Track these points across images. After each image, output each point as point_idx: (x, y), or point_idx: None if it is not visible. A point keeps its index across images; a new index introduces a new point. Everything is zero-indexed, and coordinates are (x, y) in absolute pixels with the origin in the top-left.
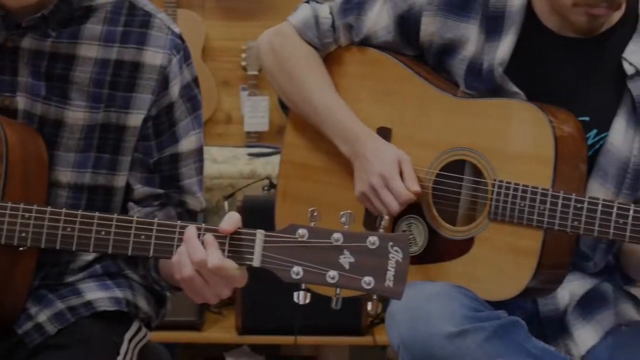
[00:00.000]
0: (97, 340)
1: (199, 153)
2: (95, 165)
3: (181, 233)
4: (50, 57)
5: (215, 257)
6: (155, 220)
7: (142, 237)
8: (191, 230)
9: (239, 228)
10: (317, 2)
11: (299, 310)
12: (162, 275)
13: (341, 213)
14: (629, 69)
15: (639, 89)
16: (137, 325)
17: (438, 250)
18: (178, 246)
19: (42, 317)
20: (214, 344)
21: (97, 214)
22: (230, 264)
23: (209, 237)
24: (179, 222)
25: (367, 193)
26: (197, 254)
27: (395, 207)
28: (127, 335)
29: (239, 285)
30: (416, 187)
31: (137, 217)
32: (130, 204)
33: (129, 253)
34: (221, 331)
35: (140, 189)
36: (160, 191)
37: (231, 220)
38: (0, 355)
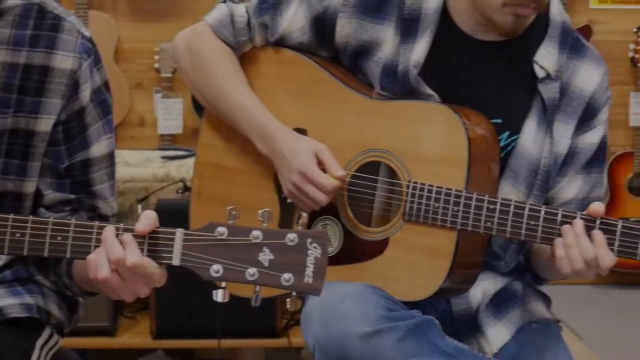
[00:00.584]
0: (7, 348)
1: (110, 158)
2: (4, 171)
3: (99, 234)
4: None
5: (134, 255)
6: (72, 221)
7: (59, 238)
8: (109, 229)
9: (157, 227)
10: (233, 2)
11: (215, 313)
12: (75, 280)
13: (259, 211)
14: (539, 72)
15: (549, 92)
16: (49, 332)
17: (353, 251)
18: (96, 247)
19: None
20: (128, 349)
21: (11, 215)
22: (149, 262)
23: (127, 236)
24: (96, 223)
25: (292, 191)
26: (115, 253)
27: (322, 199)
28: (39, 342)
29: (158, 285)
30: (340, 172)
31: (53, 219)
32: (41, 210)
33: (45, 254)
34: (135, 336)
35: (50, 195)
36: (72, 197)
37: (148, 221)
38: None
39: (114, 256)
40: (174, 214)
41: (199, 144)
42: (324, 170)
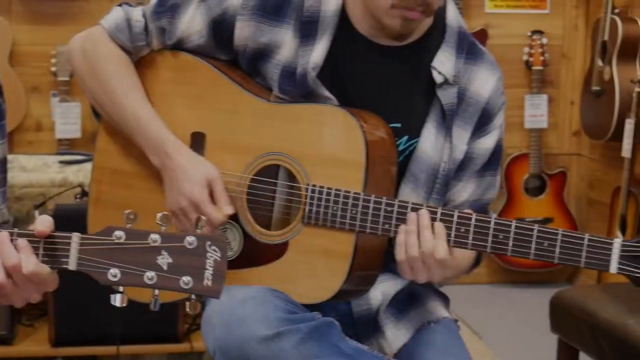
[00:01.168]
0: None
1: (2, 164)
2: None
3: None
4: None
5: (30, 262)
6: None
7: None
8: (3, 234)
9: (53, 232)
10: (130, 6)
11: (115, 319)
12: None
13: (158, 214)
14: (438, 78)
15: (447, 97)
16: None
17: (253, 255)
18: None
19: None
20: (26, 357)
21: None
22: (46, 269)
23: (22, 242)
24: None
25: (176, 213)
26: (10, 259)
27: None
28: None
29: (50, 289)
30: (229, 210)
31: None
32: None
33: None
34: (34, 344)
35: None
36: None
37: (45, 223)
38: None
39: (10, 262)
40: (72, 220)
41: (96, 149)
42: (213, 200)
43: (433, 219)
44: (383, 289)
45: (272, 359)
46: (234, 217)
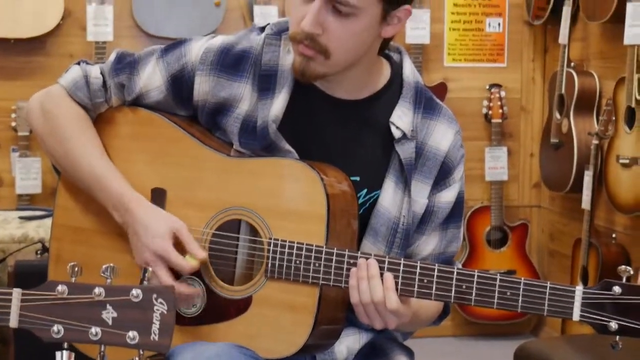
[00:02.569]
0: None
1: None
2: None
3: None
4: None
5: None
6: None
7: None
8: None
9: None
10: (88, 63)
11: None
12: None
13: (103, 266)
14: (396, 133)
15: (405, 151)
16: None
17: (217, 311)
18: None
19: None
20: None
21: None
22: None
23: None
24: None
25: (144, 268)
26: None
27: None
28: None
29: None
30: (202, 254)
31: None
32: None
33: None
34: None
35: None
36: None
37: None
38: None
39: None
40: (32, 276)
41: (56, 206)
42: (182, 249)
43: (382, 269)
44: (348, 344)
45: None
46: (197, 273)
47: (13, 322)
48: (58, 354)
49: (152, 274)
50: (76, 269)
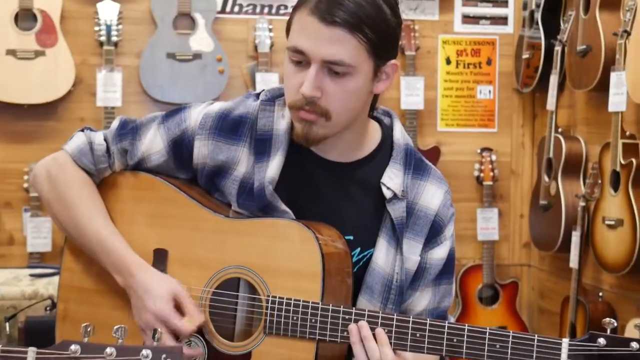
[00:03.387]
0: None
1: None
2: None
3: None
4: None
5: None
6: None
7: None
8: None
9: (11, 347)
10: (92, 130)
11: None
12: None
13: (115, 327)
14: (387, 193)
15: (396, 211)
16: None
17: None
18: None
19: None
20: None
21: None
22: None
23: None
24: None
25: (145, 330)
26: None
27: (176, 340)
28: None
29: None
30: (200, 318)
31: None
32: None
33: None
34: None
35: None
36: None
37: None
38: None
39: None
40: (42, 332)
41: (62, 268)
42: (181, 311)
43: (376, 324)
44: None
45: None
46: (198, 330)
47: None
48: None
49: (161, 334)
50: (89, 329)
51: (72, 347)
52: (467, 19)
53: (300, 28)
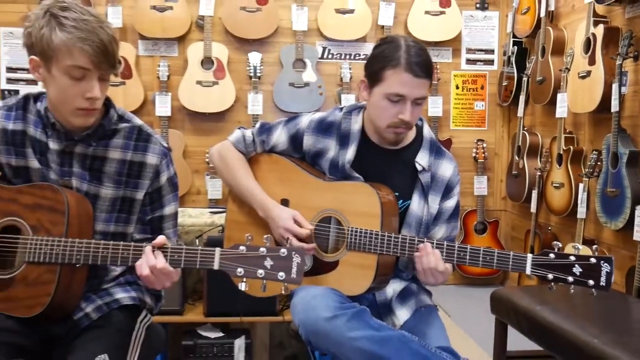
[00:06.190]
0: (122, 322)
1: (175, 216)
2: (117, 220)
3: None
4: (91, 157)
5: (160, 262)
6: (131, 244)
7: (125, 253)
8: (148, 248)
9: (203, 248)
10: (244, 128)
11: (240, 301)
12: None
13: (264, 236)
14: (419, 167)
15: (424, 178)
16: (145, 313)
17: (319, 268)
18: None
19: (89, 309)
20: (190, 322)
21: (120, 243)
22: (169, 267)
23: (157, 252)
24: (144, 244)
25: (279, 238)
26: (150, 261)
27: (298, 242)
28: (139, 319)
29: (175, 279)
30: (309, 227)
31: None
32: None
33: (129, 263)
34: (194, 315)
35: (137, 236)
36: (149, 236)
37: (159, 240)
38: (63, 332)
39: (150, 263)
40: (216, 243)
41: (227, 208)
42: (299, 225)
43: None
44: (393, 286)
45: (331, 331)
46: (309, 240)
47: (216, 266)
48: (240, 284)
49: (290, 240)
50: (249, 237)
51: (241, 247)
52: (469, 61)
53: (399, 81)
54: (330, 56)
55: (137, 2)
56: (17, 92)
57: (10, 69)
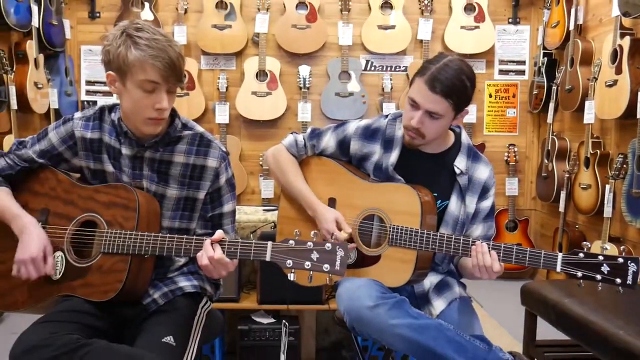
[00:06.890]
0: (185, 308)
1: (233, 213)
2: (181, 217)
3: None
4: (159, 161)
5: (217, 253)
6: (193, 238)
7: (188, 246)
8: (207, 241)
9: (257, 242)
10: (296, 134)
11: (289, 290)
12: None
13: (311, 232)
14: (457, 170)
15: (462, 180)
16: (206, 299)
17: (362, 261)
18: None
19: (156, 295)
20: (245, 309)
21: (184, 237)
22: (225, 258)
23: (215, 245)
24: (204, 238)
25: (323, 234)
26: (208, 252)
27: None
28: (200, 305)
29: (231, 269)
30: (348, 230)
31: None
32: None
33: (191, 254)
34: (249, 302)
35: (200, 230)
36: (210, 231)
37: (217, 235)
38: (133, 315)
39: (208, 254)
40: (269, 238)
41: (279, 206)
42: (339, 227)
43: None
44: (431, 279)
45: (373, 319)
46: (351, 241)
47: (268, 257)
48: (289, 275)
49: (334, 237)
50: (298, 233)
51: (290, 241)
52: (501, 72)
53: (417, 88)
54: (372, 68)
55: (199, 22)
56: (95, 102)
57: (89, 82)
